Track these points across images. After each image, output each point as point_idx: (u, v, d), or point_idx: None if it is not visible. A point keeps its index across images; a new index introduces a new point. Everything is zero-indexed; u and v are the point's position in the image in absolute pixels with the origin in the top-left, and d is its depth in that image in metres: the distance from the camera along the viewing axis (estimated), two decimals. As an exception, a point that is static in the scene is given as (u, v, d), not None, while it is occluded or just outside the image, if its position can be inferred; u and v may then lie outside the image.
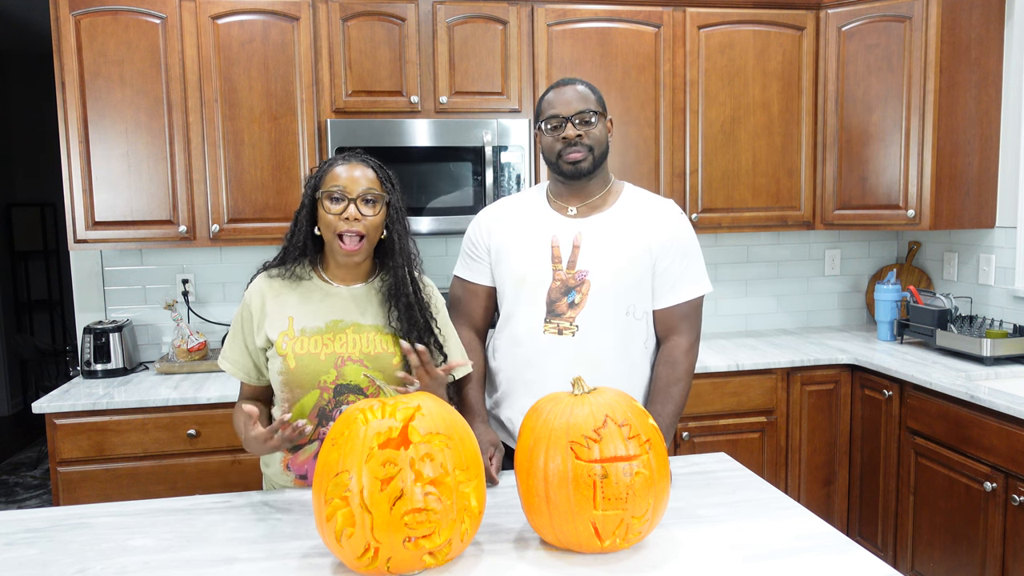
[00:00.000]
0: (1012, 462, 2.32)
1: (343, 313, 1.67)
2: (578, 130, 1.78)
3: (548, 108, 1.81)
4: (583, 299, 1.79)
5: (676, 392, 1.81)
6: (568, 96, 1.80)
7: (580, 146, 1.78)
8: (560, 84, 1.84)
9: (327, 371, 1.63)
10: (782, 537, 1.41)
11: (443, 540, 1.24)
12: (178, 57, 2.78)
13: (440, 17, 2.91)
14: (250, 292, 1.70)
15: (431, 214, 2.92)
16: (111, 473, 2.59)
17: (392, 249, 1.68)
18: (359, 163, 1.64)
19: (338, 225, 1.59)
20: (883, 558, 2.89)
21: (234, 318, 1.73)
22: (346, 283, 1.70)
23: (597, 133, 1.80)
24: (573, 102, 1.79)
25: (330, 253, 1.67)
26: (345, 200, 1.59)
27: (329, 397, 1.64)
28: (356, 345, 1.65)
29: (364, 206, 1.60)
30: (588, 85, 1.83)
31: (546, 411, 1.36)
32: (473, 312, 1.95)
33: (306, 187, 1.66)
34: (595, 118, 1.79)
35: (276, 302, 1.67)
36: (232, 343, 1.72)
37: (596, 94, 1.83)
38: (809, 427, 3.04)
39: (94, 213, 2.79)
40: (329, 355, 1.64)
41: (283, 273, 1.69)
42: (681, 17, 3.10)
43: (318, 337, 1.65)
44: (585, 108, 1.78)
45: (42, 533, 1.48)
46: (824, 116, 3.23)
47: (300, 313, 1.66)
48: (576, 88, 1.81)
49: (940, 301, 3.08)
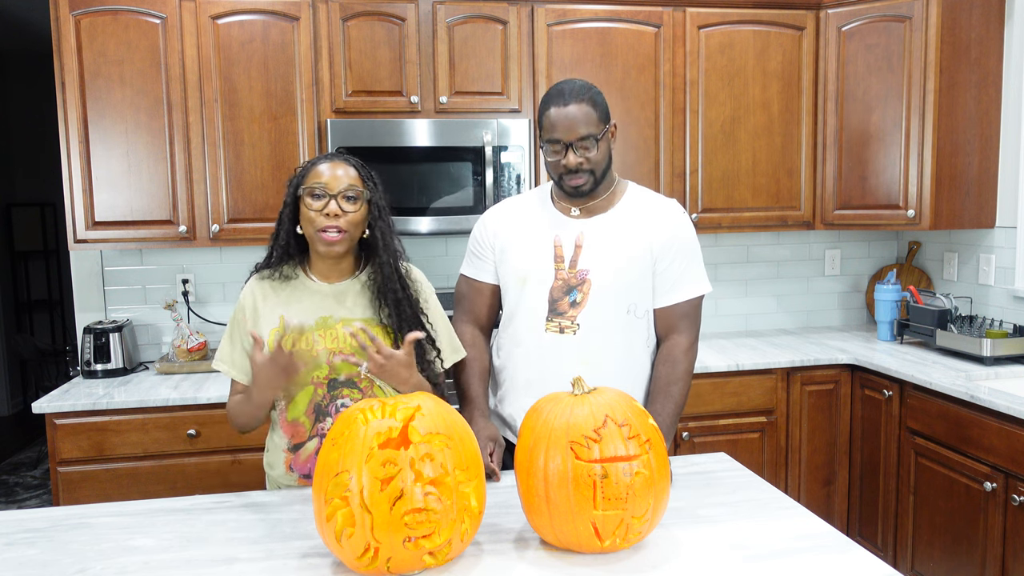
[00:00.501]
0: (1012, 462, 2.32)
1: (331, 309, 1.70)
2: (579, 158, 1.75)
3: (550, 128, 1.75)
4: (584, 298, 1.80)
5: (676, 391, 1.82)
6: (571, 119, 1.73)
7: (581, 172, 1.77)
8: (561, 98, 1.75)
9: (319, 366, 1.67)
10: (782, 537, 1.41)
11: (443, 540, 1.24)
12: (178, 57, 2.78)
13: (440, 17, 2.91)
14: (244, 294, 1.74)
15: (431, 214, 2.92)
16: (111, 473, 2.59)
17: (377, 246, 1.70)
18: (341, 162, 1.67)
19: (319, 221, 1.62)
20: (883, 558, 2.89)
21: (230, 320, 1.75)
22: (330, 280, 1.73)
23: (599, 156, 1.77)
24: (575, 126, 1.72)
25: (313, 249, 1.69)
26: (326, 196, 1.62)
27: (323, 392, 1.68)
28: (348, 339, 1.68)
29: (345, 202, 1.63)
30: (590, 98, 1.75)
31: (546, 411, 1.36)
32: (477, 309, 1.97)
33: (288, 186, 1.69)
34: (597, 142, 1.75)
35: (266, 302, 1.71)
36: (228, 344, 1.74)
37: (598, 108, 1.76)
38: (809, 427, 3.04)
39: (94, 213, 2.79)
40: (321, 351, 1.67)
41: (272, 274, 1.73)
42: (681, 17, 3.10)
43: (309, 334, 1.68)
44: (587, 133, 1.73)
45: (42, 533, 1.48)
46: (824, 116, 3.23)
47: (290, 312, 1.69)
48: (579, 108, 1.73)
49: (940, 301, 3.08)
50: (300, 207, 1.66)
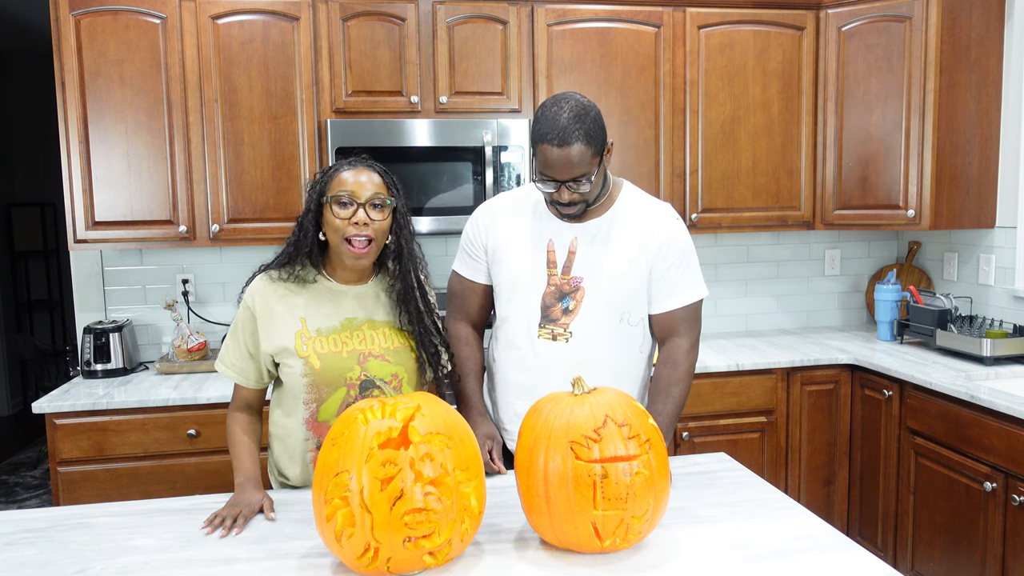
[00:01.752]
0: (1012, 462, 2.32)
1: (354, 311, 1.69)
2: (572, 195, 1.72)
3: (543, 164, 1.68)
4: (577, 306, 1.79)
5: (677, 392, 1.82)
6: (565, 161, 1.65)
7: (573, 204, 1.74)
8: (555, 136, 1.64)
9: (351, 368, 1.65)
10: (782, 537, 1.41)
11: (443, 540, 1.24)
12: (178, 57, 2.78)
13: (440, 17, 2.91)
14: (251, 295, 1.69)
15: (431, 214, 2.92)
16: (111, 473, 2.59)
17: (400, 254, 1.69)
18: (365, 168, 1.65)
19: (347, 230, 1.60)
20: (883, 558, 2.89)
21: (234, 322, 1.71)
22: (350, 283, 1.71)
23: (593, 189, 1.73)
24: (570, 169, 1.66)
25: (336, 256, 1.67)
26: (354, 205, 1.60)
27: (356, 394, 1.66)
28: (375, 341, 1.67)
29: (372, 211, 1.61)
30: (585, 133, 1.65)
31: (546, 411, 1.36)
32: (469, 308, 1.96)
33: (311, 192, 1.66)
34: (592, 178, 1.70)
35: (283, 304, 1.67)
36: (232, 347, 1.70)
37: (594, 143, 1.66)
38: (809, 427, 3.04)
39: (94, 213, 2.79)
40: (351, 352, 1.65)
41: (285, 275, 1.69)
42: (681, 17, 3.10)
43: (335, 336, 1.66)
44: (581, 174, 1.68)
45: (42, 533, 1.48)
46: (824, 116, 3.23)
47: (312, 314, 1.67)
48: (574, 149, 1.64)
49: (940, 301, 3.08)
50: (324, 214, 1.63)
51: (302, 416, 1.68)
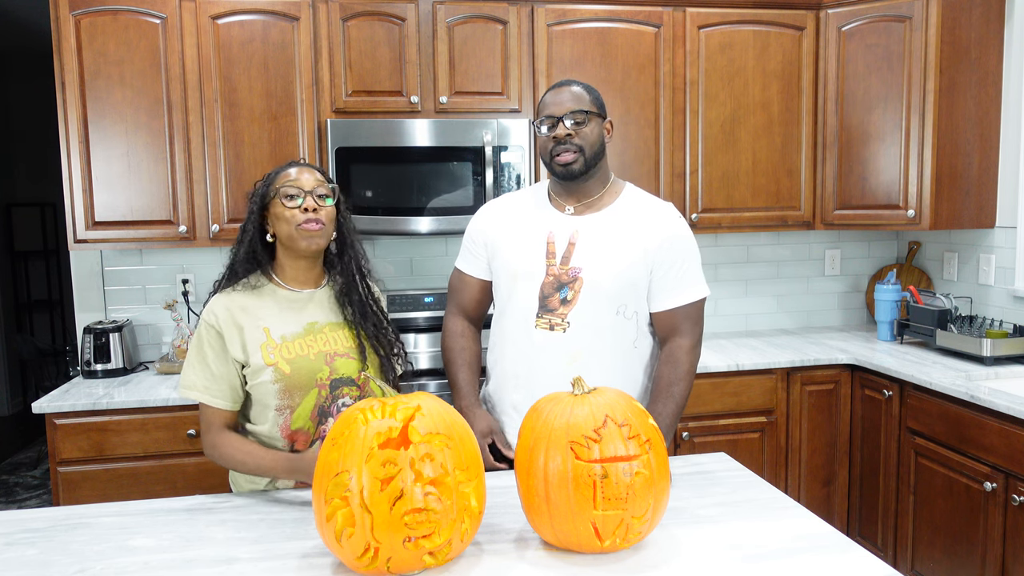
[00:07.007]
0: (1012, 462, 2.32)
1: (315, 315, 1.72)
2: (569, 129, 1.78)
3: (543, 108, 1.83)
4: (575, 296, 1.80)
5: (677, 391, 1.82)
6: (563, 97, 1.81)
7: (571, 146, 1.79)
8: (558, 85, 1.85)
9: (320, 368, 1.67)
10: (782, 537, 1.41)
11: (443, 540, 1.24)
12: (178, 57, 2.78)
13: (440, 17, 2.91)
14: (212, 314, 1.66)
15: (431, 214, 2.92)
16: (111, 473, 2.59)
17: (343, 245, 1.75)
18: (307, 167, 1.71)
19: (298, 216, 1.64)
20: (883, 558, 2.89)
21: (193, 345, 1.67)
22: (307, 287, 1.74)
23: (589, 133, 1.80)
24: (567, 102, 1.80)
25: (288, 250, 1.69)
26: (302, 193, 1.65)
27: (327, 394, 1.67)
28: (339, 341, 1.70)
29: (319, 200, 1.67)
30: (586, 87, 1.84)
31: (546, 411, 1.36)
32: (466, 302, 2.00)
33: (253, 197, 1.70)
34: (588, 118, 1.80)
35: (247, 316, 1.66)
36: (198, 369, 1.66)
37: (593, 95, 1.83)
38: (809, 427, 3.04)
39: (94, 213, 2.79)
40: (318, 354, 1.68)
41: (240, 288, 1.70)
42: (681, 17, 3.10)
43: (300, 340, 1.68)
44: (578, 108, 1.79)
45: (42, 533, 1.48)
46: (824, 116, 3.23)
47: (275, 323, 1.68)
48: (572, 89, 1.82)
49: (940, 301, 3.08)
50: (270, 213, 1.67)
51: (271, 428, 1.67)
